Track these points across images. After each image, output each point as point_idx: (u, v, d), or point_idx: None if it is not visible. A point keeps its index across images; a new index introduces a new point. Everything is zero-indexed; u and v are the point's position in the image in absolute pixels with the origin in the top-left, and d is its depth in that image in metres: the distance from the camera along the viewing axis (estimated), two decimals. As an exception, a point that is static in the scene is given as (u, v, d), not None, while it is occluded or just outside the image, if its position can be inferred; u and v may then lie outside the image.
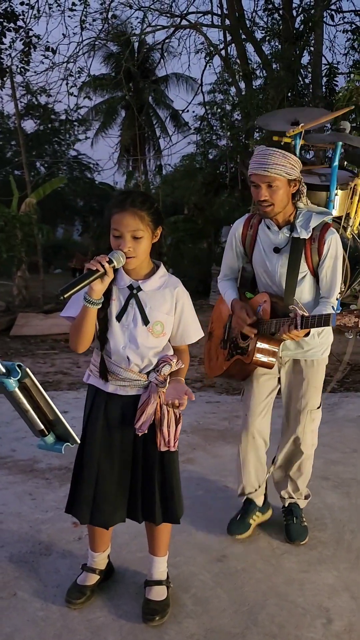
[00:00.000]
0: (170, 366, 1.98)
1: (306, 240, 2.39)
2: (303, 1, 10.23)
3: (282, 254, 2.44)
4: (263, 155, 2.29)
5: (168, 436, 2.01)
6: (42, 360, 8.52)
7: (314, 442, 2.71)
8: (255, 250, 2.54)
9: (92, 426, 2.07)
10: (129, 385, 2.02)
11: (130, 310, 1.99)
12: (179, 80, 21.99)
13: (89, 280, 1.80)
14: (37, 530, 2.73)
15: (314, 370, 2.59)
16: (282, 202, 2.34)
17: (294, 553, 2.58)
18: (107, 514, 2.08)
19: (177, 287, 2.03)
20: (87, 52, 10.31)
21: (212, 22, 10.25)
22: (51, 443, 1.44)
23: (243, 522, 2.67)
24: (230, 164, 13.02)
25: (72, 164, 23.68)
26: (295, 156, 2.34)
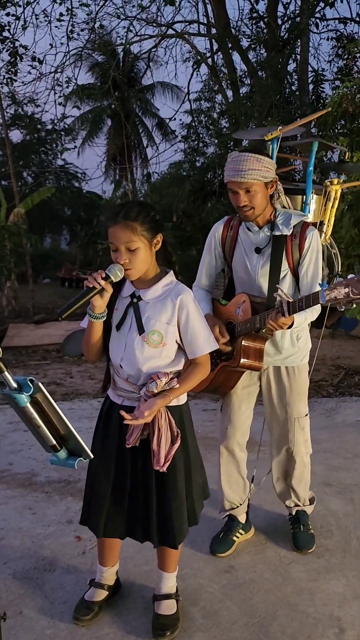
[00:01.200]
0: (156, 384, 1.90)
1: (287, 237, 2.38)
2: (288, 9, 10.34)
3: (262, 254, 2.42)
4: (237, 162, 2.27)
5: (158, 455, 1.91)
6: (35, 371, 8.45)
7: (309, 450, 2.69)
8: (235, 252, 2.52)
9: (97, 435, 2.08)
10: (126, 397, 1.99)
11: (128, 320, 1.96)
12: (164, 89, 22.08)
13: (86, 298, 1.81)
14: (40, 545, 2.68)
15: (296, 377, 2.56)
16: (261, 205, 2.34)
17: (302, 562, 2.55)
18: (98, 524, 2.05)
19: (181, 295, 1.94)
20: (74, 62, 10.31)
21: (198, 31, 10.30)
22: (64, 458, 1.40)
23: (225, 539, 2.62)
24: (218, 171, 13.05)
25: (59, 173, 23.64)
26: (269, 158, 2.33)
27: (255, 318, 2.33)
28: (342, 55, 10.92)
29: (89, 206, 24.20)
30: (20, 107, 16.87)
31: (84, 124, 22.36)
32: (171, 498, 1.99)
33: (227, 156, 2.37)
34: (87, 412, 5.35)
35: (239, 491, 2.68)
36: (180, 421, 2.01)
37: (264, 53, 9.96)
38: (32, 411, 1.30)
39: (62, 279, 23.14)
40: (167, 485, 1.99)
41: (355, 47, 6.39)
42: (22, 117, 18.53)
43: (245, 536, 2.72)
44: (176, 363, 2.00)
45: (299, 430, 2.61)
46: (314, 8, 9.81)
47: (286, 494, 2.75)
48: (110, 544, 2.17)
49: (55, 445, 1.38)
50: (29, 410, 1.29)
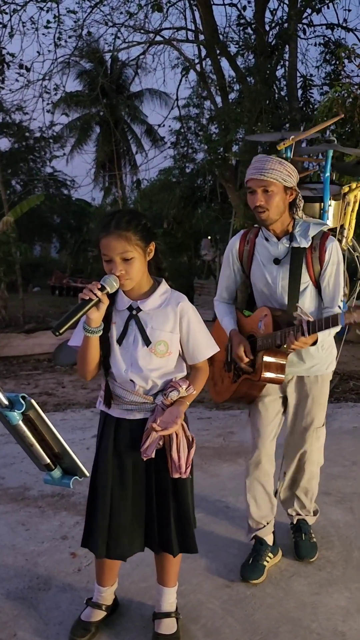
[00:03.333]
0: (178, 392, 1.88)
1: (307, 250, 2.34)
2: (275, 16, 10.36)
3: (282, 265, 2.38)
4: (260, 162, 2.29)
5: (179, 461, 1.90)
6: (26, 381, 8.34)
7: (320, 461, 2.65)
8: (253, 265, 2.48)
9: (103, 454, 1.98)
10: (136, 409, 1.93)
11: (130, 332, 1.90)
12: (153, 95, 22.10)
13: (83, 311, 1.73)
14: (34, 563, 2.60)
15: (319, 386, 2.52)
16: (277, 209, 2.30)
17: (303, 574, 2.49)
18: (124, 546, 1.98)
19: (180, 302, 1.93)
20: (61, 69, 10.26)
21: (186, 38, 10.28)
22: (58, 477, 1.34)
23: (257, 565, 2.49)
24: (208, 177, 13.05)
25: (48, 181, 23.55)
26: (292, 166, 2.31)
27: (276, 334, 2.28)
28: (330, 61, 10.96)
29: (79, 214, 24.12)
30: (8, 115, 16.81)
31: (72, 131, 22.31)
32: (187, 503, 2.00)
33: (253, 158, 2.35)
34: (79, 422, 5.26)
35: (266, 509, 2.57)
36: (188, 425, 1.98)
37: (252, 59, 9.98)
38: (24, 429, 1.23)
39: (52, 288, 22.99)
40: (182, 491, 1.98)
41: (345, 51, 6.40)
42: (9, 125, 18.46)
43: (274, 560, 2.58)
44: (181, 368, 1.98)
45: (315, 440, 2.57)
46: (301, 14, 9.84)
47: (290, 501, 2.71)
48: (110, 563, 2.10)
49: (49, 464, 1.31)
50: (21, 429, 1.23)
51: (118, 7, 9.38)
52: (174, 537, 1.98)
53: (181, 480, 1.95)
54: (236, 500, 3.16)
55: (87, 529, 2.03)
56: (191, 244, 16.91)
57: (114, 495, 1.96)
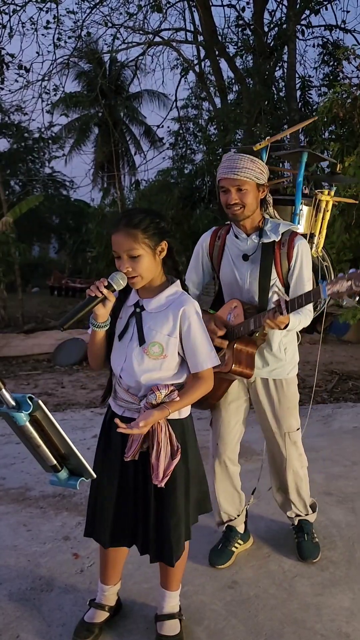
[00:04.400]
0: (155, 396, 1.83)
1: (275, 245, 2.35)
2: (274, 17, 10.38)
3: (251, 262, 2.39)
4: (232, 160, 2.29)
5: (157, 469, 1.84)
6: (25, 381, 8.33)
7: (304, 464, 2.64)
8: (223, 261, 2.48)
9: (100, 447, 2.02)
10: (126, 408, 1.93)
11: (130, 329, 1.91)
12: (152, 96, 22.09)
13: (88, 308, 1.75)
14: (36, 564, 2.59)
15: (284, 391, 2.50)
16: (251, 206, 2.31)
17: (306, 575, 2.49)
18: (103, 534, 2.00)
19: (184, 307, 1.86)
20: (60, 70, 10.25)
21: (185, 39, 10.30)
22: (65, 479, 1.33)
23: (224, 551, 2.56)
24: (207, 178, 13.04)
25: (46, 181, 23.55)
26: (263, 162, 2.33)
27: (249, 320, 2.29)
28: (328, 62, 10.98)
29: (77, 214, 24.10)
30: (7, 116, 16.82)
31: (71, 132, 22.31)
32: (170, 515, 1.92)
33: (222, 157, 2.35)
34: (80, 422, 5.26)
35: (235, 504, 2.63)
36: (181, 435, 1.94)
37: (250, 60, 9.99)
38: (31, 430, 1.23)
39: (51, 288, 22.97)
40: (165, 501, 1.92)
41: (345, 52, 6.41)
42: (8, 126, 18.47)
43: (244, 546, 2.66)
44: (179, 376, 1.93)
45: (291, 445, 2.55)
46: (299, 15, 9.86)
47: (286, 505, 2.70)
48: (114, 558, 2.09)
49: (55, 465, 1.30)
50: (27, 430, 1.22)
51: (117, 8, 9.38)
52: (152, 543, 1.95)
53: (165, 490, 1.89)
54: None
55: (90, 518, 2.04)
56: (190, 245, 16.88)
57: (100, 488, 1.97)
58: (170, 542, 1.93)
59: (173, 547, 1.93)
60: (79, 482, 1.33)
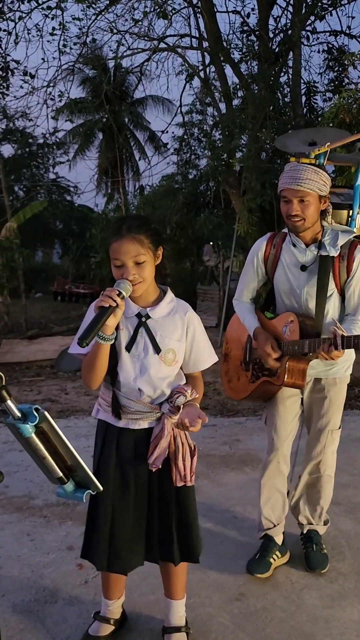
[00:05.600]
0: (185, 397, 1.86)
1: (334, 258, 2.34)
2: (279, 22, 10.37)
3: (309, 273, 2.38)
4: (296, 171, 2.27)
5: (184, 470, 1.90)
6: (29, 388, 8.31)
7: (333, 464, 2.63)
8: (278, 269, 2.48)
9: (105, 465, 1.94)
10: (141, 418, 1.90)
11: (140, 340, 1.87)
12: (156, 102, 22.16)
13: (104, 319, 1.68)
14: (40, 575, 2.55)
15: (337, 388, 2.52)
16: (312, 218, 2.31)
17: (315, 587, 2.44)
18: (125, 559, 1.94)
19: (188, 312, 1.94)
20: (65, 76, 10.28)
21: (190, 44, 10.29)
22: (71, 491, 1.30)
23: (263, 560, 2.51)
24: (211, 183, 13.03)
25: (50, 187, 23.61)
26: (326, 173, 2.31)
27: (303, 342, 2.27)
28: (333, 68, 10.97)
29: (81, 220, 24.15)
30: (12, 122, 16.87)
31: (75, 137, 22.37)
32: (189, 510, 1.98)
33: (285, 166, 2.34)
34: (84, 430, 5.22)
35: (278, 509, 2.60)
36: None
37: (255, 66, 9.99)
38: (37, 442, 1.19)
39: (54, 293, 23.01)
40: (185, 499, 1.97)
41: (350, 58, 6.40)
42: (13, 132, 18.53)
43: (282, 560, 2.61)
44: (181, 376, 1.98)
45: (330, 442, 2.56)
46: (305, 21, 9.85)
47: (301, 507, 2.68)
48: (115, 576, 2.06)
49: (62, 478, 1.27)
50: (33, 441, 1.19)
51: (123, 15, 9.40)
52: (175, 545, 1.95)
53: (183, 489, 1.94)
54: (244, 510, 3.12)
55: (87, 540, 2.00)
56: (194, 250, 16.88)
57: (115, 507, 1.92)
58: (193, 540, 1.99)
59: (195, 542, 1.99)
60: (86, 494, 1.29)
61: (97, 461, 1.97)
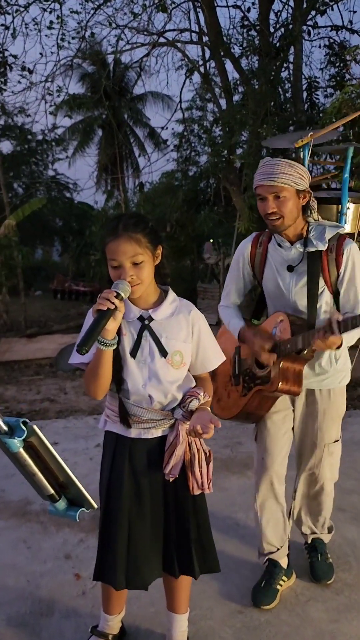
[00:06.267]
0: (198, 401, 1.78)
1: (322, 253, 2.19)
2: (279, 17, 10.26)
3: (296, 272, 2.24)
4: (269, 166, 2.12)
5: (201, 478, 1.82)
6: (27, 387, 8.22)
7: (334, 477, 2.50)
8: (266, 271, 2.34)
9: (118, 478, 1.83)
10: (154, 427, 1.81)
11: (144, 344, 1.78)
12: (156, 98, 22.03)
13: (102, 323, 1.59)
14: (36, 585, 2.46)
15: (331, 401, 2.36)
16: (291, 214, 2.16)
17: (320, 599, 2.35)
18: (145, 574, 1.84)
19: (192, 311, 1.85)
20: (64, 71, 10.17)
21: (190, 39, 10.18)
22: (63, 509, 1.21)
23: (269, 589, 2.35)
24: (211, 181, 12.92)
25: (50, 184, 23.49)
26: (304, 166, 2.18)
27: (296, 338, 2.12)
28: (334, 63, 10.85)
29: (81, 217, 24.06)
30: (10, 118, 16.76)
31: (74, 134, 22.25)
32: (205, 521, 1.92)
33: (260, 162, 2.20)
34: (82, 431, 5.14)
35: (279, 531, 2.43)
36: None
37: (255, 61, 9.88)
38: (25, 457, 1.10)
39: (54, 291, 22.92)
40: (201, 507, 1.91)
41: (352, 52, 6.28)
42: (12, 128, 18.43)
43: (288, 583, 2.45)
44: (190, 378, 1.89)
45: (327, 456, 2.42)
46: (306, 16, 9.74)
47: (303, 519, 2.57)
48: (119, 591, 1.96)
49: (53, 495, 1.18)
50: (22, 457, 1.10)
51: (121, 8, 9.29)
52: (195, 557, 1.87)
53: (199, 497, 1.88)
54: (246, 517, 3.03)
55: (101, 559, 1.87)
56: (194, 248, 16.79)
57: (132, 520, 1.82)
58: (212, 549, 1.93)
59: (214, 553, 1.94)
60: (79, 512, 1.20)
61: (109, 474, 1.86)
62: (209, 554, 1.92)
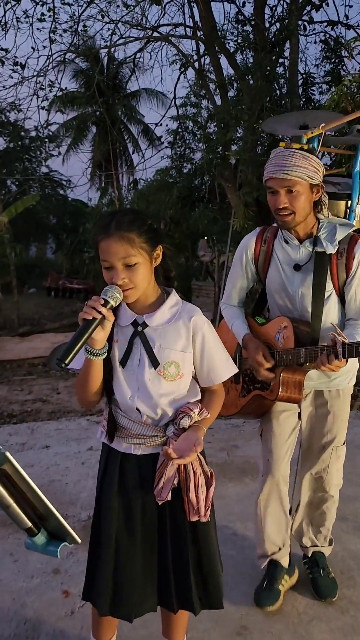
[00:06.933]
0: (190, 418, 1.61)
1: (332, 255, 2.06)
2: (275, 11, 10.12)
3: (303, 272, 2.11)
4: (281, 157, 1.97)
5: (197, 503, 1.62)
6: (19, 387, 8.07)
7: (339, 482, 2.40)
8: (270, 269, 2.21)
9: (107, 494, 1.70)
10: (144, 443, 1.65)
11: (135, 352, 1.63)
12: (150, 95, 21.86)
13: (87, 334, 1.46)
14: (22, 604, 2.32)
15: (340, 401, 2.27)
16: (303, 211, 2.02)
17: (324, 619, 2.22)
18: (132, 604, 1.69)
19: (194, 317, 1.65)
20: (56, 66, 9.98)
21: (185, 33, 10.02)
22: (42, 544, 1.06)
23: (272, 589, 2.28)
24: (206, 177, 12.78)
25: (43, 181, 23.26)
26: (318, 158, 2.03)
27: (299, 352, 2.01)
28: (330, 58, 10.72)
29: (75, 214, 23.85)
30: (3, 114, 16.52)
31: (68, 130, 22.05)
32: (208, 549, 1.73)
33: (271, 152, 2.04)
34: (75, 433, 5.00)
35: (282, 531, 2.35)
36: (205, 459, 1.70)
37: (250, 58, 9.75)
38: (-2, 488, 0.96)
39: (48, 289, 22.72)
40: (203, 535, 1.71)
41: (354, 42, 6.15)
42: (4, 124, 18.18)
43: (290, 582, 2.39)
44: (195, 392, 1.71)
45: (335, 460, 2.33)
46: (301, 10, 9.60)
47: (305, 530, 2.45)
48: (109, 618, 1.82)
49: (31, 528, 1.03)
50: (-7, 487, 0.95)
51: (115, 1, 9.11)
52: (194, 591, 1.70)
53: (201, 523, 1.67)
54: (245, 527, 2.90)
55: (89, 578, 1.74)
56: (188, 245, 16.63)
57: (120, 542, 1.67)
58: (215, 582, 1.75)
59: (217, 586, 1.75)
60: (60, 548, 1.06)
61: (100, 486, 1.74)
62: (211, 588, 1.73)
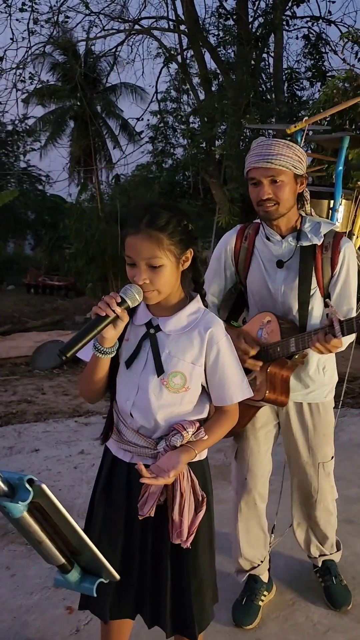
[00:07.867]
0: (182, 437, 1.49)
1: (317, 249, 1.97)
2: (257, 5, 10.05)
3: (286, 269, 2.02)
4: (265, 146, 1.88)
5: (180, 526, 1.49)
6: (3, 387, 7.86)
7: (334, 497, 2.32)
8: (252, 267, 2.10)
9: (97, 498, 1.66)
10: (135, 453, 1.56)
11: (142, 355, 1.53)
12: (129, 90, 21.60)
13: (96, 330, 1.38)
14: (22, 623, 2.21)
15: (320, 416, 2.16)
16: (288, 202, 1.93)
17: (340, 629, 2.15)
18: (116, 605, 1.63)
19: (211, 329, 1.53)
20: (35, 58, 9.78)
21: (168, 26, 9.90)
22: (76, 581, 0.96)
23: (251, 606, 2.19)
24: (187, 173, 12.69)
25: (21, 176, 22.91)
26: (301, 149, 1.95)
27: (288, 341, 1.91)
28: (312, 54, 10.71)
29: (54, 210, 23.56)
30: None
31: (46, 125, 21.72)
32: (191, 576, 1.58)
33: (252, 142, 1.95)
34: (64, 435, 4.88)
35: (260, 548, 2.27)
36: (202, 480, 1.59)
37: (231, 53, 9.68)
38: (30, 523, 0.86)
39: (27, 286, 22.40)
40: (185, 560, 1.57)
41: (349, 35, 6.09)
42: (-19, 119, 17.80)
43: (269, 596, 2.32)
44: (200, 410, 1.59)
45: (324, 477, 2.22)
46: (285, 4, 9.56)
47: (309, 541, 2.37)
48: (118, 632, 1.73)
49: (64, 565, 0.93)
50: (26, 522, 0.85)
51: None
52: (167, 613, 1.58)
53: (185, 548, 1.53)
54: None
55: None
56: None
57: (102, 545, 1.56)
58: (192, 612, 1.58)
59: (196, 617, 1.58)
60: (97, 584, 0.96)
61: (94, 489, 1.69)
62: (186, 616, 1.58)
